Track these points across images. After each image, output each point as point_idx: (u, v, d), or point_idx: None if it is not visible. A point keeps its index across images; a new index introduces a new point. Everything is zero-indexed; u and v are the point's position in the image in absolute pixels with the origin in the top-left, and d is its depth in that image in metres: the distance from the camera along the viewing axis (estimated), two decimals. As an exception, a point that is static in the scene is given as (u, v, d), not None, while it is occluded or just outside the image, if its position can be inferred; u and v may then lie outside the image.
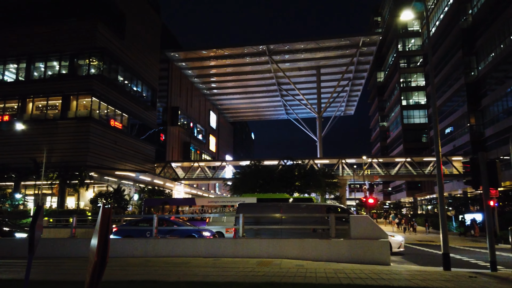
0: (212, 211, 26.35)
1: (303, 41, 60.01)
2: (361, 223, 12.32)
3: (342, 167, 51.36)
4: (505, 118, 39.79)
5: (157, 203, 29.52)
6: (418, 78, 75.14)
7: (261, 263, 11.05)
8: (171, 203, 29.53)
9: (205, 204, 27.19)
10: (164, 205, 28.76)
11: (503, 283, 8.90)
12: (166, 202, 29.61)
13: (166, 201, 30.29)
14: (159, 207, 28.40)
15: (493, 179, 12.10)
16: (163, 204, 28.93)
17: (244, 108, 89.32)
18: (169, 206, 28.49)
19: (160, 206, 28.44)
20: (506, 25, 39.91)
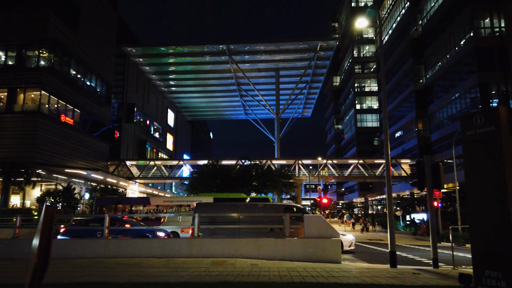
0: (167, 210, 25.88)
1: (263, 43, 60.56)
2: (314, 223, 12.65)
3: (298, 168, 52.38)
4: (449, 124, 42.43)
5: (109, 203, 28.65)
6: (371, 84, 78.24)
7: (216, 262, 11.04)
8: (124, 203, 28.74)
9: (160, 204, 26.67)
10: (117, 204, 27.92)
11: (443, 279, 9.52)
12: (119, 202, 28.81)
13: (119, 201, 29.48)
14: (111, 206, 27.55)
15: (437, 181, 12.91)
16: (116, 203, 28.09)
17: (203, 107, 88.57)
18: (122, 206, 27.70)
19: (113, 205, 27.63)
20: (452, 37, 42.60)
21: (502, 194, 6.11)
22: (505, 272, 5.89)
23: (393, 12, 60.76)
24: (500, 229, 6.09)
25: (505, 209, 6.04)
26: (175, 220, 21.87)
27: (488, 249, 6.23)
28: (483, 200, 6.44)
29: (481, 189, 6.50)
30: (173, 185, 77.55)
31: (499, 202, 6.14)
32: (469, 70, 38.93)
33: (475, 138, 6.62)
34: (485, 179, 6.43)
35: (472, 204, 6.68)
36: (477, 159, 6.63)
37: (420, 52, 50.58)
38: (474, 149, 6.68)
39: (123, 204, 28.22)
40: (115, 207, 27.29)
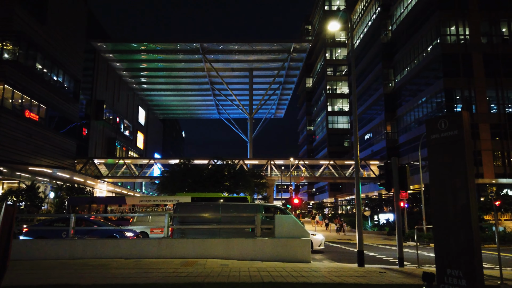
0: (144, 210, 25.39)
1: (237, 43, 60.48)
2: (285, 223, 12.75)
3: (270, 168, 52.66)
4: (416, 127, 43.89)
5: (83, 202, 27.75)
6: (343, 86, 79.76)
7: (186, 263, 10.93)
8: (99, 202, 28.00)
9: (136, 203, 26.11)
10: (91, 204, 27.13)
11: (408, 278, 9.82)
12: (93, 201, 28.02)
13: (93, 200, 28.67)
14: (85, 206, 26.73)
15: (403, 183, 13.31)
16: (89, 203, 27.27)
17: (175, 105, 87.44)
18: (96, 205, 26.96)
19: (87, 205, 26.81)
20: (420, 43, 44.08)
21: (464, 195, 6.37)
22: (465, 271, 6.15)
23: (364, 17, 62.19)
24: (461, 229, 6.35)
25: (466, 210, 6.30)
26: (144, 220, 21.47)
27: (450, 248, 6.48)
28: (446, 201, 6.70)
29: (444, 190, 6.76)
30: (143, 185, 76.13)
31: (461, 203, 6.40)
32: (436, 75, 40.41)
33: (440, 141, 6.86)
34: (448, 181, 6.68)
35: (436, 204, 6.93)
36: (441, 162, 6.88)
37: (389, 56, 52.03)
38: (438, 152, 6.93)
39: (97, 203, 27.49)
40: (89, 206, 26.52)
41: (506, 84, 38.30)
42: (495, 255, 16.29)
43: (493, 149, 37.38)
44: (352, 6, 68.73)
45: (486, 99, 38.60)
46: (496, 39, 39.52)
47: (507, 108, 38.39)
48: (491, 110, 38.70)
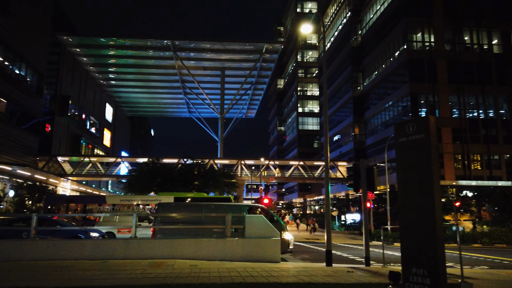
0: (125, 210, 24.79)
1: (209, 41, 60.07)
2: (255, 223, 12.76)
3: (241, 168, 52.64)
4: (383, 130, 45.19)
5: (60, 201, 26.82)
6: (313, 88, 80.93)
7: (154, 264, 10.71)
8: (77, 201, 27.08)
9: (117, 203, 25.46)
10: (69, 203, 26.16)
11: (374, 276, 10.07)
12: (72, 200, 27.08)
13: (72, 199, 27.70)
14: (63, 205, 25.75)
15: (371, 184, 13.66)
16: (67, 202, 26.29)
17: (144, 102, 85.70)
18: (74, 205, 26.05)
19: (64, 204, 25.86)
20: (388, 48, 45.42)
21: (429, 196, 6.60)
22: (429, 270, 6.37)
23: (335, 21, 63.38)
24: (426, 229, 6.57)
25: (431, 211, 6.53)
26: (111, 220, 20.91)
27: (416, 247, 6.69)
28: (412, 202, 6.91)
29: (411, 191, 6.97)
30: (109, 184, 74.13)
31: (426, 204, 6.63)
32: (402, 80, 41.75)
33: (407, 144, 7.08)
34: (415, 183, 6.90)
35: (403, 205, 7.14)
36: (408, 164, 7.09)
37: (359, 60, 53.29)
38: (406, 155, 7.15)
39: (76, 202, 26.57)
40: (66, 206, 25.62)
41: (468, 90, 40.12)
42: (455, 254, 17.01)
43: (454, 152, 39.07)
44: (324, 9, 69.89)
45: (449, 104, 40.29)
46: (459, 46, 41.32)
47: (468, 113, 40.22)
48: (453, 115, 40.42)
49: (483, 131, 39.64)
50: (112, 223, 20.46)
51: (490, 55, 41.14)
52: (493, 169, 39.12)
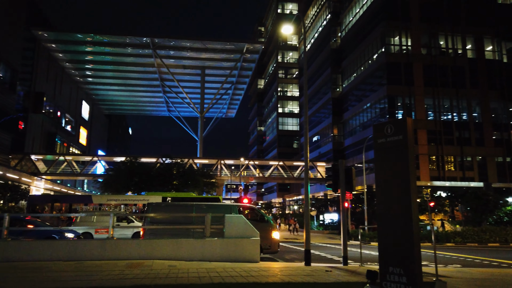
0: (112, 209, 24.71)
1: (190, 40, 59.60)
2: (235, 223, 12.73)
3: (220, 168, 52.45)
4: (361, 131, 45.92)
5: (44, 201, 26.25)
6: (293, 89, 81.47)
7: (131, 265, 10.54)
8: (63, 201, 26.60)
9: (103, 203, 25.21)
10: (54, 202, 25.70)
11: (352, 275, 10.22)
12: (57, 200, 26.59)
13: (57, 198, 27.20)
14: (47, 205, 25.24)
15: (349, 184, 13.86)
16: (52, 201, 25.80)
17: (122, 100, 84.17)
18: (60, 204, 25.62)
19: (49, 203, 25.35)
20: (366, 50, 46.20)
21: (406, 197, 6.74)
22: (406, 268, 6.50)
23: (316, 22, 63.99)
24: (403, 229, 6.71)
25: (408, 211, 6.67)
26: (88, 220, 20.47)
27: (393, 247, 6.83)
28: (390, 202, 7.05)
29: (388, 192, 7.11)
30: (85, 183, 72.49)
31: (403, 204, 6.77)
32: (380, 82, 42.55)
33: (386, 145, 7.21)
34: (392, 183, 7.04)
35: (381, 205, 7.26)
36: (386, 165, 7.23)
37: (338, 62, 53.98)
38: (384, 155, 7.28)
39: (61, 202, 26.12)
40: (51, 205, 25.20)
41: (442, 93, 41.24)
42: (430, 253, 17.47)
43: (429, 153, 40.09)
44: (305, 11, 70.45)
45: (424, 107, 41.31)
46: (435, 51, 42.44)
47: (443, 116, 41.36)
48: (429, 117, 41.48)
49: (457, 133, 40.83)
50: (89, 224, 20.07)
51: (464, 59, 42.42)
52: (466, 170, 40.36)
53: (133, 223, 20.88)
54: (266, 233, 14.80)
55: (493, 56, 43.17)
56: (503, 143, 41.15)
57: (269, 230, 15.16)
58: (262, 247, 14.06)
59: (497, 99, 42.07)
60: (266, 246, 14.78)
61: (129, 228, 20.29)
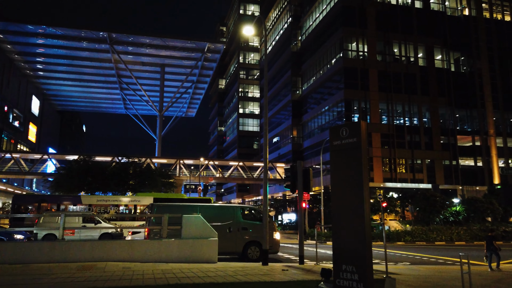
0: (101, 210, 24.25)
1: (149, 36, 58.22)
2: (193, 223, 12.61)
3: (179, 168, 51.65)
4: (319, 134, 47.02)
5: (31, 200, 25.24)
6: (254, 90, 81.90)
7: (83, 267, 10.14)
8: (50, 201, 25.55)
9: (93, 203, 24.67)
10: (41, 202, 24.78)
11: (308, 274, 10.45)
12: (44, 199, 25.54)
13: (44, 198, 26.02)
14: (33, 205, 24.28)
15: (307, 185, 14.17)
16: (39, 201, 24.82)
17: (76, 96, 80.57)
18: (47, 204, 24.77)
19: (35, 203, 24.41)
20: (325, 55, 47.40)
21: (359, 197, 7.01)
22: (358, 266, 6.76)
23: (277, 25, 64.75)
24: (356, 228, 6.97)
25: (361, 210, 6.93)
26: (52, 221, 19.65)
27: (346, 246, 7.07)
28: (344, 202, 7.29)
29: (343, 192, 7.35)
30: (34, 182, 68.68)
31: (357, 204, 7.03)
32: (337, 86, 43.81)
33: (341, 147, 7.46)
34: (347, 184, 7.29)
35: (335, 205, 7.50)
36: (341, 166, 7.48)
37: (298, 65, 54.96)
38: (339, 157, 7.52)
39: (48, 202, 25.18)
40: (38, 205, 24.27)
41: (395, 98, 43.16)
42: (381, 251, 18.21)
43: (382, 156, 41.80)
44: (266, 13, 71.07)
45: (379, 111, 43.03)
46: (389, 58, 44.33)
47: (395, 120, 43.26)
48: (383, 121, 43.23)
49: (408, 137, 42.88)
50: (53, 225, 19.30)
51: (415, 67, 44.65)
52: (416, 172, 42.48)
53: (100, 224, 20.23)
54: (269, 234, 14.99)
55: (442, 65, 45.78)
56: (450, 147, 43.74)
57: (272, 232, 15.42)
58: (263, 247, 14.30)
59: (445, 106, 44.65)
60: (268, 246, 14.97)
61: (96, 230, 19.68)
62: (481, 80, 46.66)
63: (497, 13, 49.80)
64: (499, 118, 46.56)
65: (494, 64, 47.62)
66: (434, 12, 46.34)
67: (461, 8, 48.26)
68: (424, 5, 46.12)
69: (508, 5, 50.27)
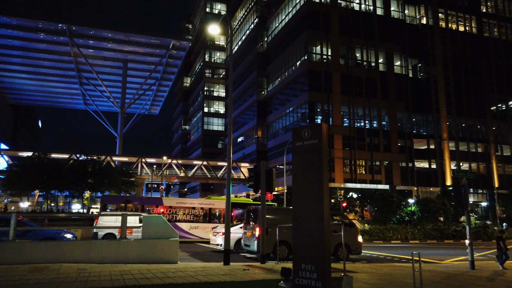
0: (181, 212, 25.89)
1: (111, 31, 56.56)
2: (153, 223, 12.39)
3: (141, 166, 50.51)
4: (283, 134, 47.58)
5: (117, 201, 26.65)
6: (220, 89, 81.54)
7: (35, 269, 9.69)
8: (135, 202, 26.42)
9: (173, 205, 25.59)
10: (127, 203, 25.71)
11: (268, 273, 10.56)
12: (129, 200, 26.43)
13: (129, 199, 26.86)
14: (120, 205, 25.63)
15: (270, 185, 14.30)
16: (125, 202, 25.83)
17: (31, 90, 76.74)
18: (132, 205, 25.58)
19: (122, 204, 25.76)
20: (290, 57, 48.02)
21: (319, 197, 7.18)
22: (316, 265, 6.92)
23: (243, 25, 64.83)
24: (315, 227, 7.12)
25: (320, 210, 7.10)
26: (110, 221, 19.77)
27: (305, 245, 7.21)
28: (305, 202, 7.44)
29: (303, 192, 7.49)
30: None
31: (316, 204, 7.19)
32: (302, 88, 44.52)
33: (303, 148, 7.60)
34: (307, 184, 7.44)
35: (296, 205, 7.63)
36: (303, 167, 7.62)
37: (264, 66, 55.32)
38: (301, 158, 7.66)
39: (133, 203, 26.06)
40: (124, 206, 25.67)
41: (356, 102, 44.46)
42: (340, 249, 18.65)
43: (343, 157, 42.94)
44: (233, 12, 70.97)
45: (341, 114, 44.16)
46: (351, 62, 45.59)
47: (356, 123, 44.57)
48: (344, 123, 44.41)
49: (368, 140, 44.31)
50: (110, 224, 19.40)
51: (376, 72, 46.21)
52: (375, 173, 43.98)
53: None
54: (354, 237, 16.46)
55: (400, 71, 47.67)
56: (407, 150, 45.66)
57: (356, 234, 16.63)
58: (351, 249, 16.14)
59: (402, 110, 46.53)
60: (354, 247, 16.37)
61: None
62: (436, 87, 49.04)
63: (452, 23, 52.54)
64: (452, 123, 49.15)
65: (448, 71, 50.20)
66: (394, 20, 48.16)
67: (420, 17, 50.47)
68: (385, 13, 47.82)
69: (462, 16, 53.17)
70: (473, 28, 53.60)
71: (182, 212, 25.89)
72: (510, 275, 12.42)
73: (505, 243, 13.95)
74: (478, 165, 49.55)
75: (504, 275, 12.40)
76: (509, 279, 11.45)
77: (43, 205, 50.97)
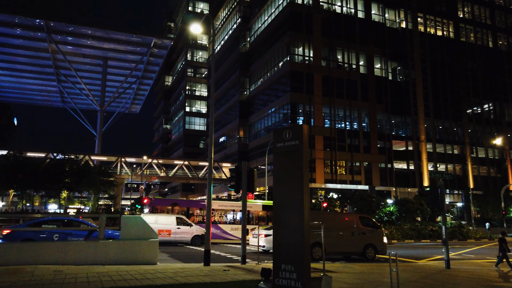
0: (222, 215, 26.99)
1: (91, 27, 55.46)
2: (132, 224, 12.21)
3: (120, 166, 49.70)
4: (265, 135, 47.67)
5: (166, 204, 28.23)
6: (202, 88, 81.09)
7: (8, 271, 9.40)
8: (182, 205, 27.92)
9: (215, 208, 26.66)
10: (174, 206, 27.17)
11: (249, 274, 10.55)
12: (176, 203, 27.82)
13: (176, 202, 28.24)
14: (167, 208, 26.90)
15: (251, 185, 14.30)
16: (172, 205, 27.38)
17: (6, 87, 74.39)
18: (179, 208, 27.04)
19: (169, 207, 27.01)
20: (273, 57, 48.16)
21: (299, 197, 7.22)
22: (296, 265, 6.96)
23: (226, 25, 64.65)
24: (295, 228, 7.16)
25: (300, 211, 7.14)
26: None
27: (286, 245, 7.24)
28: (285, 202, 7.47)
29: (285, 193, 7.53)
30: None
31: (297, 204, 7.23)
32: (284, 89, 44.71)
33: (284, 149, 7.63)
34: (288, 185, 7.47)
35: (277, 206, 7.66)
36: (283, 167, 7.65)
37: (247, 66, 55.29)
38: (282, 158, 7.69)
39: (180, 206, 27.42)
40: (171, 208, 26.87)
41: (338, 103, 44.96)
42: (320, 249, 18.80)
43: (324, 158, 43.34)
44: (215, 11, 70.70)
45: (322, 115, 44.56)
46: (333, 64, 46.07)
47: (337, 124, 45.07)
48: (325, 124, 44.84)
49: (349, 141, 44.86)
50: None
51: (357, 74, 46.83)
52: (355, 174, 44.56)
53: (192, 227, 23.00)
54: (380, 238, 17.65)
55: (380, 73, 48.45)
56: (386, 151, 46.44)
57: (382, 236, 17.81)
58: (377, 249, 17.31)
59: (382, 112, 47.31)
60: (380, 248, 17.45)
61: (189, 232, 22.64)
62: (415, 89, 50.08)
63: (430, 28, 53.77)
64: (429, 125, 50.29)
65: (426, 75, 51.35)
66: (375, 23, 48.91)
67: (399, 21, 51.44)
68: (366, 16, 48.52)
69: (440, 21, 54.50)
70: (451, 33, 54.99)
71: (224, 214, 27.17)
72: (485, 272, 12.79)
73: (507, 244, 14.18)
74: (454, 167, 50.86)
75: (475, 272, 12.76)
76: (484, 277, 11.79)
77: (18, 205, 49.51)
